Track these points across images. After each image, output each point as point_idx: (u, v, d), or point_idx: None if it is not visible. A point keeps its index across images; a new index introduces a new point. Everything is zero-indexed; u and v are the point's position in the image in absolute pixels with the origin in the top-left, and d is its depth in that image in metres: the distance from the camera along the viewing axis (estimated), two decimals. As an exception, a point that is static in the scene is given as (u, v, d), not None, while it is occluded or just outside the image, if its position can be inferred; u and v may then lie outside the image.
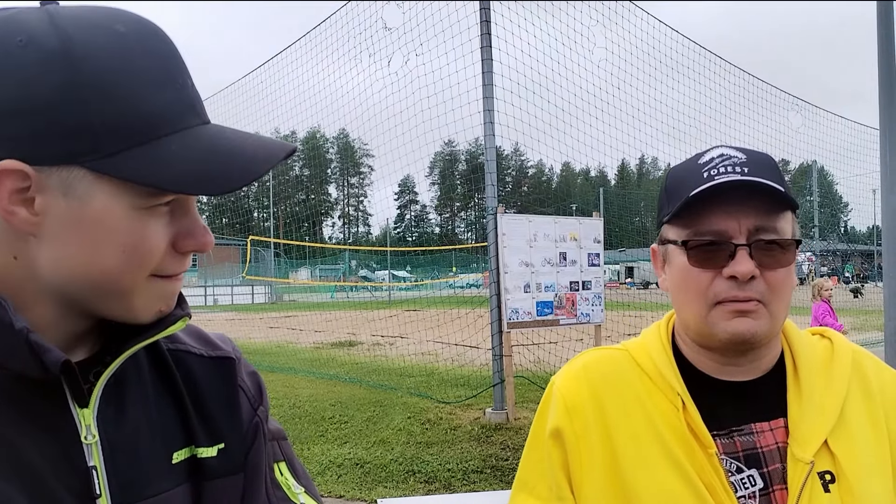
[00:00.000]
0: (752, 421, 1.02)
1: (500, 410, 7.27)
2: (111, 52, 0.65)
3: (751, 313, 0.97)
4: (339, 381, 10.39)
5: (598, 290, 8.11)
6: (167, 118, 0.68)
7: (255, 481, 0.86)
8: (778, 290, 0.97)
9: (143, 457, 0.74)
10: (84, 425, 0.70)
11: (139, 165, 0.65)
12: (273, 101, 13.15)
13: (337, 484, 5.44)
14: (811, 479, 0.95)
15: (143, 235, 0.68)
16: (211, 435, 0.82)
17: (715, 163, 0.99)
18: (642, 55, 10.03)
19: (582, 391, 1.09)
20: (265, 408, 0.92)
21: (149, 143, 0.66)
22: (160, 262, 0.71)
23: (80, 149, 0.64)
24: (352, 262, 49.90)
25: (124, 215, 0.67)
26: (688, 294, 1.02)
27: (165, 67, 0.69)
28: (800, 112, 14.62)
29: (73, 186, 0.65)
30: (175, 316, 0.76)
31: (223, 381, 0.87)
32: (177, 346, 0.85)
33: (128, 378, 0.77)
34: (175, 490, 0.76)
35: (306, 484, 0.93)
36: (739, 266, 0.95)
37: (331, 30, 10.62)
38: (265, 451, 0.89)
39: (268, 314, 26.43)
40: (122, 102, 0.65)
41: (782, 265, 0.97)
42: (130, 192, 0.66)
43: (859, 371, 1.07)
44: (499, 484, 5.33)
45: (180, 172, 0.66)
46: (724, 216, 0.96)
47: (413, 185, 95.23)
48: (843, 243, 41.66)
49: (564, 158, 15.89)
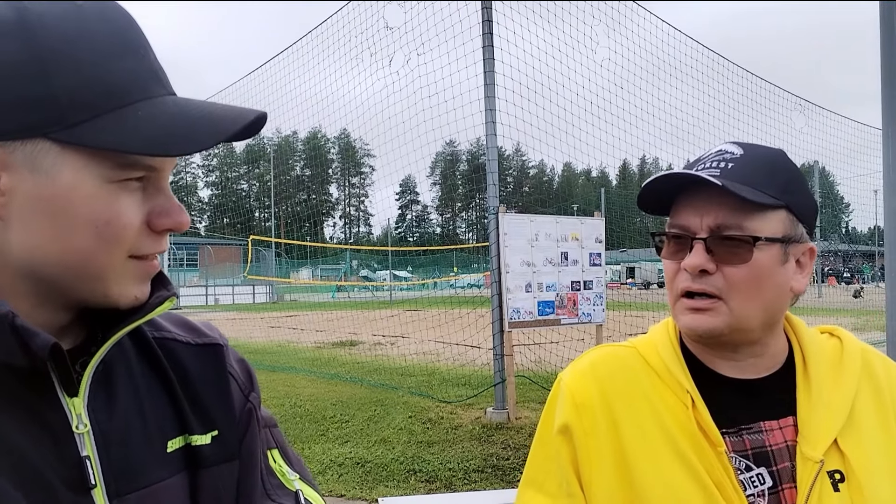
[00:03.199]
0: (762, 419, 1.02)
1: (502, 410, 7.26)
2: (69, 22, 0.64)
3: (705, 311, 0.99)
4: (341, 380, 10.38)
5: (599, 289, 8.10)
6: (131, 87, 0.66)
7: (250, 468, 0.85)
8: (736, 285, 0.98)
9: (138, 446, 0.73)
10: (75, 414, 0.68)
11: (105, 133, 0.63)
12: (274, 101, 13.13)
13: (338, 483, 5.43)
14: (821, 478, 0.95)
15: (115, 211, 0.66)
16: (204, 422, 0.80)
17: (709, 157, 1.03)
18: (645, 54, 10.02)
19: (590, 388, 1.08)
20: (256, 394, 0.90)
21: (114, 112, 0.64)
22: (135, 242, 0.69)
23: (43, 120, 0.62)
24: (353, 262, 49.91)
25: (94, 190, 0.65)
26: (667, 284, 1.07)
27: (126, 37, 0.68)
28: (803, 112, 14.60)
29: (40, 161, 0.63)
30: (160, 297, 0.75)
31: (212, 368, 0.85)
32: (162, 335, 0.83)
33: (116, 367, 0.75)
34: (171, 479, 0.75)
35: (300, 470, 0.92)
36: (690, 259, 0.99)
37: (332, 29, 10.62)
38: (259, 438, 0.88)
39: (269, 314, 26.42)
40: (84, 71, 0.63)
41: (742, 261, 0.97)
42: (99, 165, 0.65)
43: (869, 369, 1.07)
44: (500, 483, 5.32)
45: (147, 136, 0.64)
46: (692, 211, 1.00)
47: (414, 185, 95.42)
48: (845, 244, 41.63)
49: (566, 158, 15.89)
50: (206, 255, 45.60)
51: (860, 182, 20.52)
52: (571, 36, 8.74)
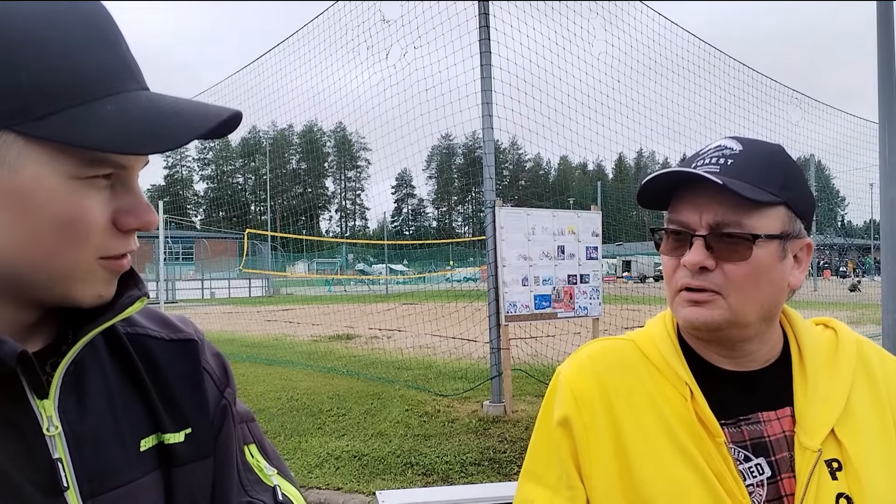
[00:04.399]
0: (759, 410, 1.03)
1: (498, 403, 7.28)
2: (36, 12, 0.62)
3: (704, 304, 1.00)
4: (337, 373, 10.39)
5: (596, 283, 8.11)
6: (102, 80, 0.64)
7: (225, 465, 0.84)
8: (735, 282, 0.98)
9: (110, 446, 0.72)
10: (45, 417, 0.67)
11: (71, 127, 0.61)
12: (270, 94, 13.09)
13: (335, 476, 5.45)
14: (819, 467, 0.96)
15: (80, 208, 0.64)
16: (177, 420, 0.79)
17: (708, 152, 1.02)
18: (642, 48, 10.00)
19: (589, 381, 1.09)
20: (232, 389, 0.89)
21: (83, 105, 0.62)
22: (102, 242, 0.67)
23: (8, 111, 0.60)
24: (349, 256, 49.89)
25: (59, 186, 0.62)
26: (665, 280, 1.08)
27: (98, 29, 0.66)
28: (799, 106, 14.60)
29: (3, 154, 0.61)
30: (131, 297, 0.73)
31: (186, 365, 0.84)
32: (136, 330, 0.81)
33: (87, 366, 0.73)
34: (145, 478, 0.74)
35: (278, 465, 0.91)
36: (690, 256, 0.99)
37: (328, 22, 10.57)
38: (235, 434, 0.86)
39: (265, 307, 26.42)
40: (51, 63, 0.61)
41: (742, 258, 0.98)
42: (65, 160, 0.62)
43: (864, 360, 1.08)
44: (496, 476, 5.34)
45: (116, 132, 0.62)
46: (691, 208, 1.00)
47: (410, 178, 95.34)
48: (840, 237, 41.76)
49: (562, 152, 15.89)
50: (202, 248, 45.52)
51: (856, 176, 20.55)
52: (568, 29, 8.73)
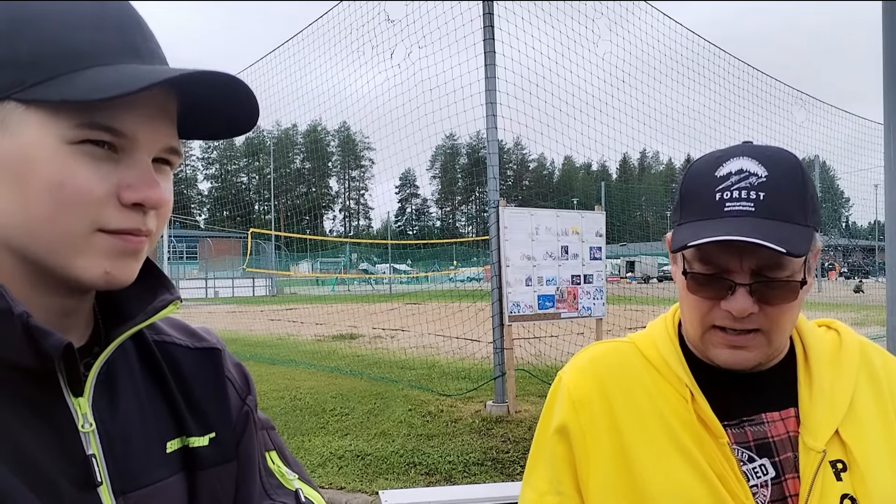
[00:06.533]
0: (763, 411, 1.03)
1: (501, 403, 7.28)
2: None
3: (746, 347, 0.97)
4: (340, 373, 10.39)
5: (599, 283, 8.10)
6: (96, 52, 0.66)
7: (248, 469, 0.86)
8: (778, 322, 0.97)
9: (139, 446, 0.74)
10: (80, 414, 0.69)
11: (56, 88, 0.64)
12: (274, 94, 13.09)
13: (338, 476, 5.45)
14: (823, 468, 0.96)
15: (70, 172, 0.65)
16: (201, 425, 0.82)
17: (731, 182, 0.95)
18: (647, 48, 9.98)
19: (589, 384, 1.09)
20: (253, 397, 0.92)
21: (75, 72, 0.65)
22: (99, 212, 0.66)
23: (10, 81, 0.64)
24: (353, 256, 49.95)
25: (53, 150, 0.64)
26: (688, 310, 1.03)
27: (105, 12, 0.68)
28: (804, 106, 14.56)
29: (7, 120, 0.64)
30: (164, 300, 0.76)
31: (210, 372, 0.87)
32: (161, 338, 0.85)
33: (118, 368, 0.76)
34: (171, 479, 0.76)
35: (298, 471, 0.93)
36: (737, 304, 0.94)
37: (333, 22, 10.58)
38: (256, 440, 0.89)
39: (269, 307, 26.44)
40: (49, 37, 0.64)
41: (785, 301, 0.96)
42: (56, 123, 0.64)
43: (867, 362, 1.08)
44: (499, 476, 5.34)
45: (86, 87, 0.63)
46: (730, 252, 0.93)
47: (414, 178, 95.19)
48: (845, 238, 41.66)
49: (566, 152, 15.86)
50: (206, 247, 45.61)
51: (860, 177, 20.52)
52: (573, 29, 8.71)
